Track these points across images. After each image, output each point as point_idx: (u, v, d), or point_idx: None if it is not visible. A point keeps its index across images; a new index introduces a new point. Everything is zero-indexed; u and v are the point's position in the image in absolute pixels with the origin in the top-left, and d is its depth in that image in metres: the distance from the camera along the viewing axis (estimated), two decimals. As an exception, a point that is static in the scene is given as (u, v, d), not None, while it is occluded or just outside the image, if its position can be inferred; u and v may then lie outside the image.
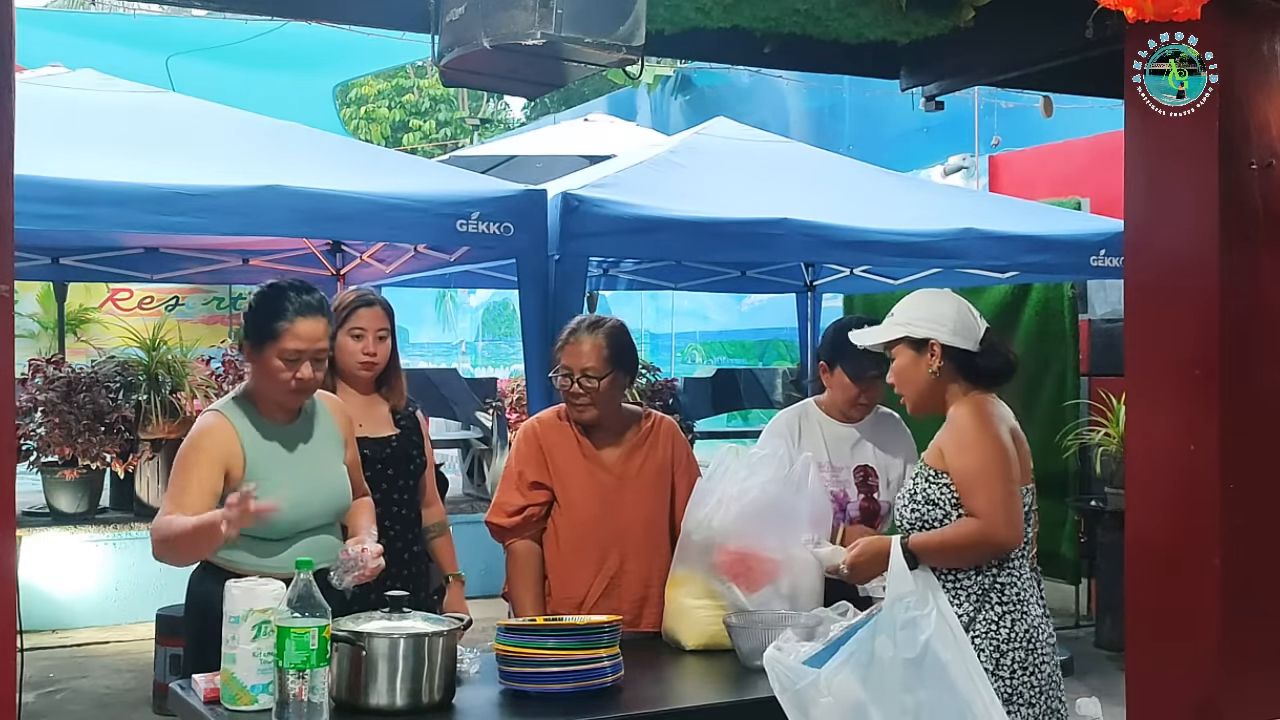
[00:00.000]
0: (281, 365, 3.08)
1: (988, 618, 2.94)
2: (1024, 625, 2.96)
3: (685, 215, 5.35)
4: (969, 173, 9.64)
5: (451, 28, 3.30)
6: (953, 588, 2.95)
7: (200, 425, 3.14)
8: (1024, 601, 2.98)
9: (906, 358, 3.13)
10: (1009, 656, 2.94)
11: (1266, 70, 3.38)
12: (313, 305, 3.14)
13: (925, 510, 3.00)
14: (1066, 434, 7.38)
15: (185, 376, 6.05)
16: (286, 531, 3.11)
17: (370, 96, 20.82)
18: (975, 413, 3.03)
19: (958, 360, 3.08)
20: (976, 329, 3.10)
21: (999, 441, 2.99)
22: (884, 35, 4.01)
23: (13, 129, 2.55)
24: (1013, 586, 2.97)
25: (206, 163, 4.87)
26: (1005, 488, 2.94)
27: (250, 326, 3.14)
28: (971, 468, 2.95)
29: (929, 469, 3.03)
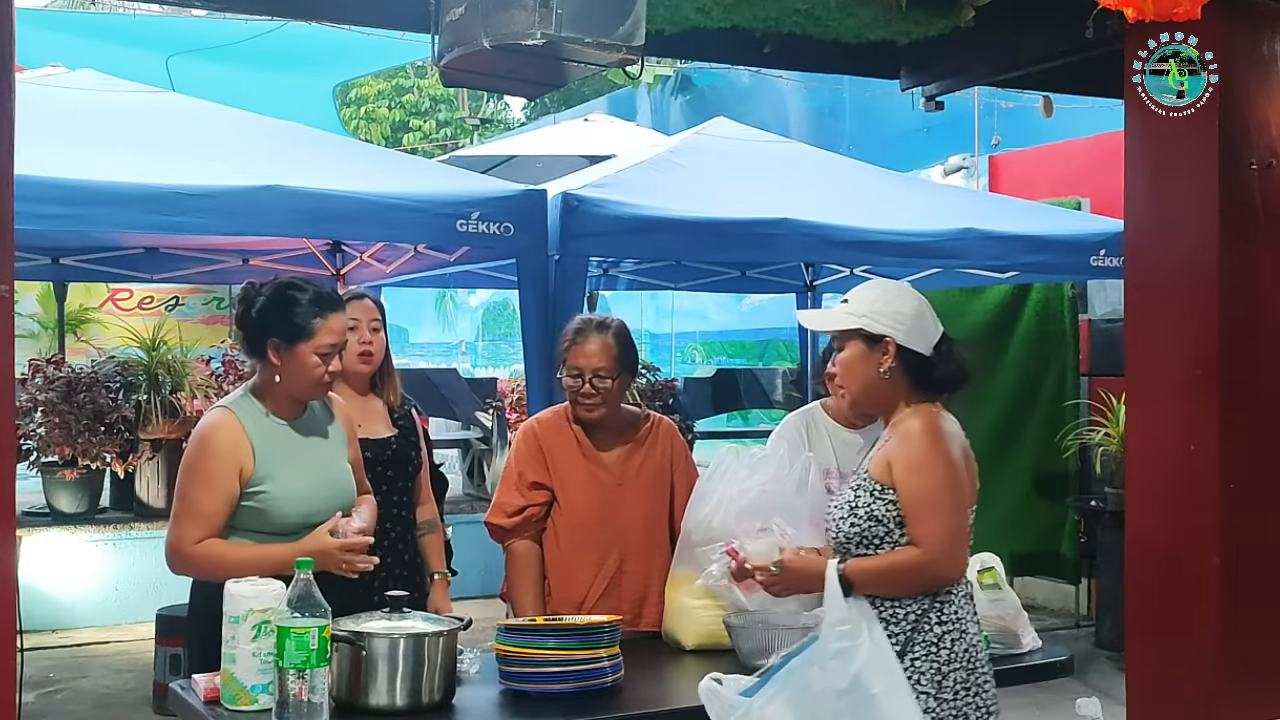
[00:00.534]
0: (317, 360, 3.14)
1: (927, 639, 2.80)
2: (964, 644, 2.83)
3: (685, 215, 5.36)
4: (969, 173, 9.64)
5: (451, 28, 3.30)
6: (890, 608, 2.80)
7: (208, 422, 3.17)
8: (962, 620, 2.85)
9: (857, 351, 2.91)
10: (950, 678, 2.80)
11: (1266, 70, 3.38)
12: (336, 299, 3.25)
13: (867, 527, 2.82)
14: (1066, 434, 7.38)
15: (185, 376, 6.05)
16: (295, 525, 3.13)
17: (370, 96, 20.82)
18: (929, 429, 2.82)
19: (910, 363, 2.87)
20: (934, 332, 2.91)
21: (952, 465, 2.81)
22: (884, 35, 4.00)
23: (13, 129, 2.55)
24: (950, 605, 2.84)
25: (206, 163, 4.87)
26: (954, 519, 2.78)
27: (275, 326, 3.14)
28: (920, 491, 2.77)
29: (874, 483, 2.84)
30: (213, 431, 3.13)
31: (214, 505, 3.08)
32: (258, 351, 3.18)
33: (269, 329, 3.14)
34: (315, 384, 3.18)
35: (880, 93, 9.59)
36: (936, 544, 2.75)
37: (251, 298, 3.20)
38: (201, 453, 3.11)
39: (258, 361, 3.21)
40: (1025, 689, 4.87)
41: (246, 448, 3.11)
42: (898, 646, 2.76)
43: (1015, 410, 7.98)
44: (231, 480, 3.09)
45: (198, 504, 3.08)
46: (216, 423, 3.14)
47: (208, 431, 3.13)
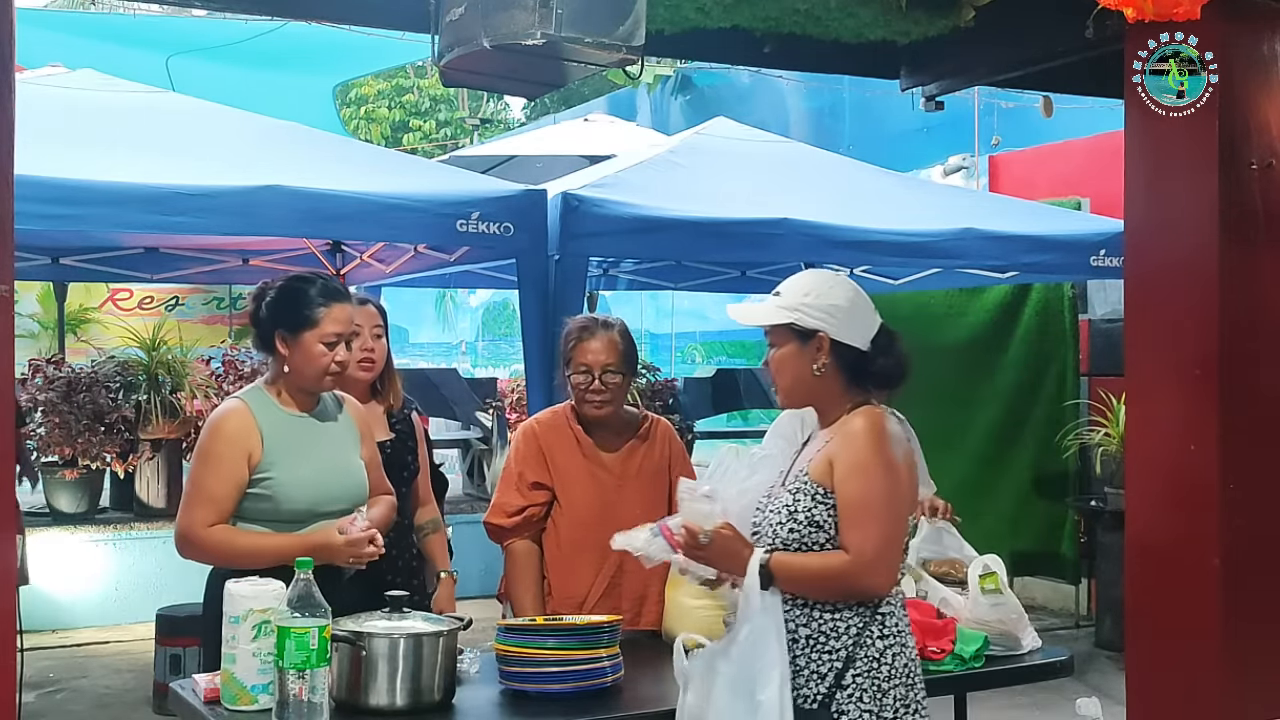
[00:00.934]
0: (323, 349, 3.19)
1: (869, 654, 2.66)
2: (904, 659, 2.70)
3: (685, 215, 5.36)
4: (969, 173, 9.64)
5: (451, 28, 3.30)
6: (831, 622, 2.67)
7: (220, 410, 3.25)
8: (902, 633, 2.73)
9: (790, 348, 2.77)
10: (891, 695, 2.66)
11: (1266, 70, 3.38)
12: (340, 291, 3.30)
13: (807, 532, 2.67)
14: (1066, 434, 7.38)
15: (185, 376, 6.06)
16: (303, 514, 3.16)
17: (370, 96, 20.82)
18: (873, 430, 2.66)
19: (846, 359, 2.73)
20: (871, 325, 2.76)
21: (894, 470, 2.65)
22: (884, 35, 4.00)
23: (13, 129, 2.55)
24: (892, 617, 2.71)
25: (206, 163, 4.87)
26: (887, 530, 2.63)
27: (282, 317, 3.21)
28: (857, 497, 2.63)
29: (816, 486, 2.69)
30: (223, 419, 3.19)
31: (223, 490, 3.13)
32: (268, 345, 3.24)
33: (276, 321, 3.21)
34: (322, 373, 3.22)
35: (880, 93, 9.59)
36: (868, 552, 2.61)
37: (262, 294, 3.28)
38: (212, 439, 3.18)
39: (269, 356, 3.27)
40: (1025, 689, 4.89)
41: (255, 435, 3.16)
42: (839, 662, 2.64)
43: (1015, 410, 7.99)
44: (240, 466, 3.13)
45: (208, 488, 3.14)
46: (228, 411, 3.22)
47: (219, 419, 3.21)
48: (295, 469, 3.17)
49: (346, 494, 3.26)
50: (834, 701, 2.63)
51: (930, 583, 3.52)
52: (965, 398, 8.17)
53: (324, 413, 3.33)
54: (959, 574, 3.53)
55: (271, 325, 3.22)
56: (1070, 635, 7.23)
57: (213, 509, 3.12)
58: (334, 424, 3.34)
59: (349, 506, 3.26)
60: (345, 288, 3.37)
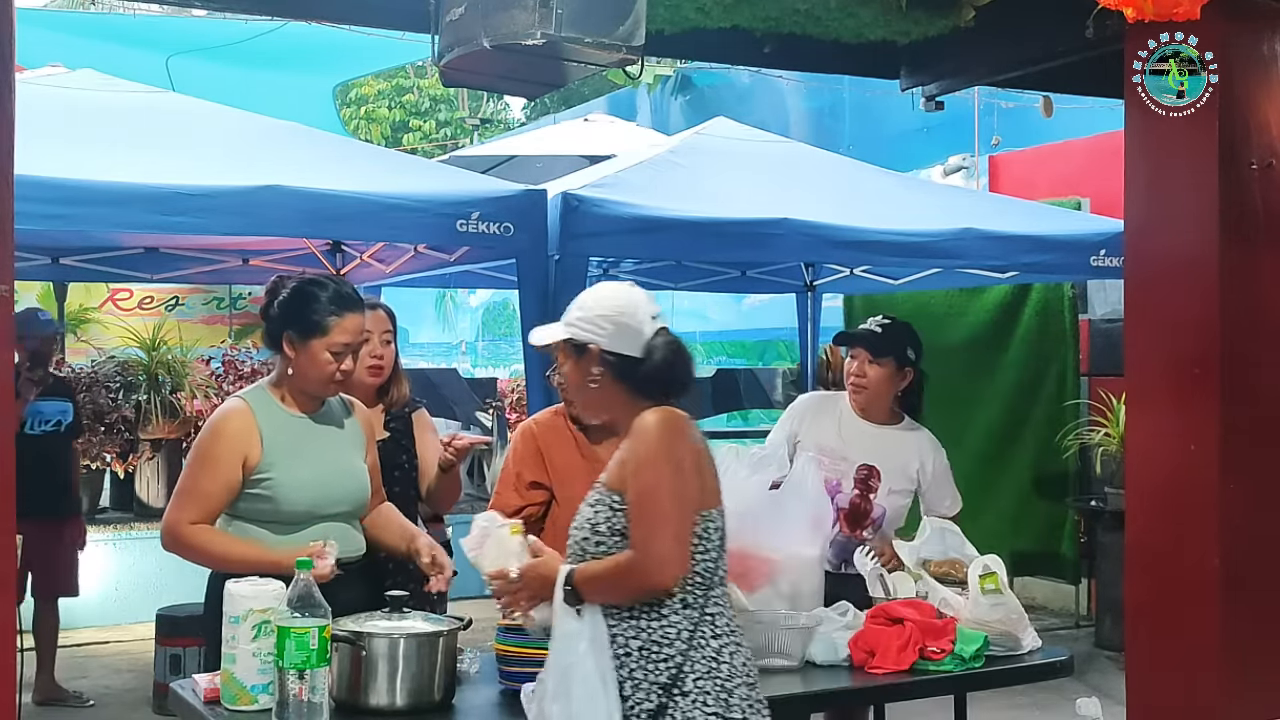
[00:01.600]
0: (330, 358, 3.17)
1: (705, 655, 2.60)
2: (742, 657, 2.66)
3: (685, 215, 5.35)
4: (969, 173, 9.64)
5: (451, 28, 3.30)
6: (660, 629, 2.59)
7: (222, 409, 3.24)
8: (735, 631, 2.68)
9: (569, 363, 2.75)
10: (736, 694, 2.60)
11: (1266, 70, 3.38)
12: (354, 299, 3.26)
13: (612, 542, 2.62)
14: (1066, 434, 7.38)
15: (185, 376, 6.08)
16: (303, 516, 3.16)
17: (370, 96, 20.82)
18: (659, 425, 2.60)
19: (620, 368, 2.68)
20: (644, 331, 2.68)
21: (677, 464, 2.58)
22: (884, 35, 4.00)
23: (13, 129, 2.55)
24: (723, 616, 2.66)
25: (206, 163, 4.87)
26: (671, 524, 2.55)
27: (292, 320, 3.19)
28: (642, 490, 2.57)
29: (611, 494, 2.64)
30: (224, 418, 3.19)
31: (213, 489, 3.13)
32: (275, 344, 3.23)
33: (286, 322, 3.20)
34: (326, 381, 3.21)
35: (880, 93, 9.59)
36: (651, 547, 2.54)
37: (276, 290, 3.26)
38: (209, 437, 3.18)
39: (276, 354, 3.25)
40: (1025, 689, 4.89)
41: (255, 437, 3.15)
42: (673, 668, 2.57)
43: (1015, 410, 7.98)
44: (234, 467, 3.13)
45: (198, 485, 3.14)
46: (229, 410, 3.21)
47: (219, 418, 3.20)
48: (295, 470, 3.17)
49: (348, 496, 3.26)
50: (674, 709, 2.55)
51: (930, 583, 3.52)
52: (965, 398, 8.17)
53: (329, 415, 3.31)
54: (959, 574, 3.53)
55: (281, 325, 3.21)
56: (1070, 635, 7.22)
57: (199, 507, 3.13)
58: (338, 427, 3.32)
59: (350, 509, 3.27)
60: (359, 295, 3.33)
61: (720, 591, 2.69)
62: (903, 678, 3.23)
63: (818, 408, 4.20)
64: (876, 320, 4.17)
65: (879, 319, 4.17)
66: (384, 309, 3.91)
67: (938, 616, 3.36)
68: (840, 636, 3.33)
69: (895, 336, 4.10)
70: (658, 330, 2.70)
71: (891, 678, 3.23)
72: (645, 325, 2.69)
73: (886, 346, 4.08)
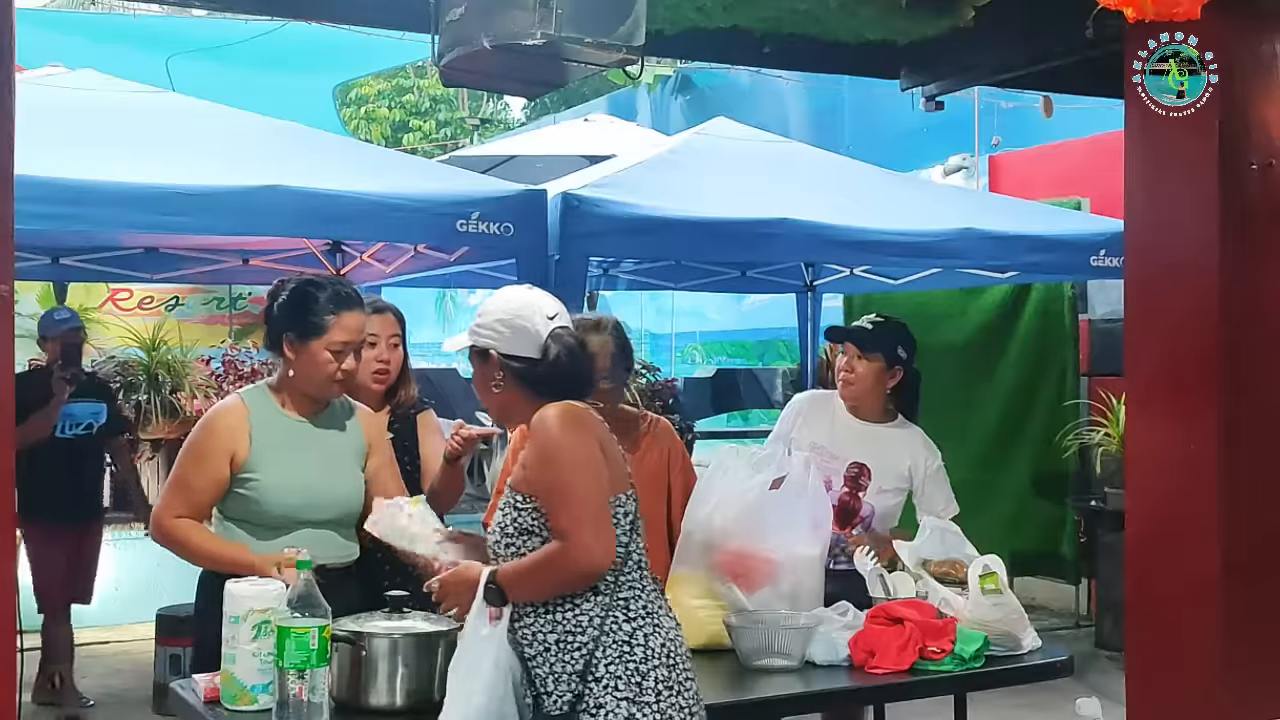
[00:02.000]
0: (329, 358, 3.17)
1: (616, 639, 2.62)
2: (659, 639, 2.66)
3: (685, 215, 5.36)
4: (969, 173, 9.64)
5: (451, 28, 3.30)
6: (573, 618, 2.62)
7: (216, 406, 3.28)
8: (654, 614, 2.69)
9: (477, 370, 2.79)
10: (651, 678, 2.61)
11: (1266, 70, 3.38)
12: (353, 298, 3.25)
13: (520, 542, 2.66)
14: (1066, 434, 7.38)
15: (185, 376, 6.08)
16: (283, 521, 3.16)
17: (370, 96, 20.81)
18: (555, 417, 2.63)
19: (519, 371, 2.71)
20: (538, 332, 2.71)
21: (583, 448, 2.62)
22: (884, 35, 4.00)
23: (13, 129, 2.55)
24: (639, 600, 2.67)
25: (206, 163, 4.86)
26: (590, 505, 2.58)
27: (291, 321, 3.19)
28: (554, 481, 2.60)
29: (517, 495, 2.68)
30: (216, 415, 3.21)
31: (199, 483, 3.15)
32: (275, 346, 3.23)
33: (286, 324, 3.19)
34: (326, 381, 3.20)
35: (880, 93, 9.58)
36: (578, 534, 2.56)
37: (276, 294, 3.26)
38: (200, 432, 3.20)
39: (277, 356, 3.25)
40: (1025, 689, 4.88)
41: (244, 435, 3.15)
42: (585, 656, 2.59)
43: (1015, 410, 7.98)
44: (221, 463, 3.14)
45: (184, 479, 3.17)
46: (222, 407, 3.24)
47: (212, 414, 3.23)
48: (282, 474, 3.16)
49: (334, 504, 3.24)
50: (588, 696, 2.58)
51: (930, 583, 3.52)
52: (965, 398, 8.17)
53: (329, 419, 3.30)
54: (959, 574, 3.53)
55: (280, 327, 3.21)
56: (1070, 635, 7.22)
57: (184, 501, 3.16)
58: (337, 432, 3.30)
59: (336, 516, 3.24)
60: (357, 294, 3.32)
61: (637, 575, 2.70)
62: (903, 678, 3.23)
63: (812, 406, 4.22)
64: (869, 318, 4.20)
65: (872, 316, 4.21)
66: (393, 312, 3.87)
67: (938, 616, 3.36)
68: (840, 636, 3.33)
69: (886, 334, 4.12)
70: (554, 330, 2.72)
71: (891, 678, 3.23)
72: (541, 326, 2.71)
73: (876, 343, 4.09)
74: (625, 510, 2.70)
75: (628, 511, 2.71)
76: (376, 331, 3.70)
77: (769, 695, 3.14)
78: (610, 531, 2.62)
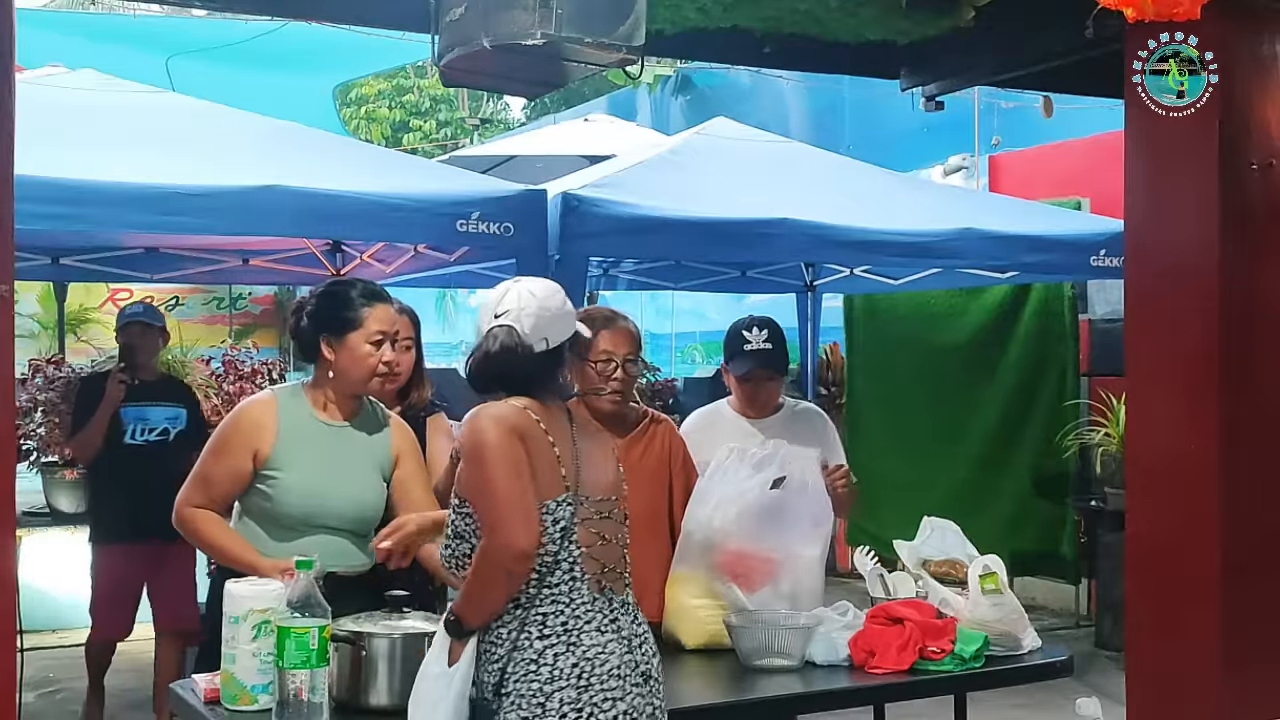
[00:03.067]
0: (370, 349, 3.21)
1: (525, 658, 2.54)
2: (571, 659, 2.55)
3: (685, 215, 5.35)
4: (969, 173, 9.64)
5: (451, 28, 3.30)
6: (493, 628, 2.59)
7: (248, 399, 3.31)
8: (574, 631, 2.58)
9: None
10: (555, 699, 2.52)
11: (1266, 70, 3.38)
12: (382, 293, 3.32)
13: (455, 545, 2.66)
14: (1066, 434, 7.38)
15: (185, 376, 6.06)
16: (298, 523, 3.17)
17: (370, 96, 20.81)
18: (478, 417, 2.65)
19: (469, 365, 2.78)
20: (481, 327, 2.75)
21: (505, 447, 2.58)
22: (884, 35, 4.00)
23: (13, 129, 2.55)
24: (558, 615, 2.58)
25: (206, 163, 4.86)
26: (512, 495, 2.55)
27: (326, 322, 3.22)
28: (476, 478, 2.59)
29: (455, 498, 2.69)
30: (246, 409, 3.25)
31: (218, 475, 3.17)
32: (312, 353, 3.25)
33: (321, 326, 3.22)
34: (370, 373, 3.23)
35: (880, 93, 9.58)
36: (501, 520, 2.54)
37: (302, 306, 3.29)
38: (227, 423, 3.23)
39: (313, 365, 3.28)
40: (1025, 689, 4.88)
41: (270, 432, 3.17)
42: (499, 670, 2.56)
43: (1015, 410, 7.98)
44: (243, 457, 3.16)
45: (206, 471, 3.20)
46: (253, 400, 3.28)
47: (242, 407, 3.27)
48: (302, 475, 3.16)
49: (351, 511, 3.24)
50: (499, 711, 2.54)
51: (930, 583, 3.52)
52: (965, 398, 8.17)
53: (359, 425, 3.30)
54: (959, 574, 3.53)
55: (315, 331, 3.22)
56: (1070, 635, 7.22)
57: (203, 491, 3.18)
58: (364, 439, 3.30)
59: (352, 527, 3.24)
60: (384, 289, 3.38)
61: (565, 588, 2.62)
62: (902, 678, 3.23)
63: (702, 426, 4.04)
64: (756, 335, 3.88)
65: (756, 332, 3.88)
66: (409, 314, 3.88)
67: (938, 616, 3.36)
68: (840, 636, 3.33)
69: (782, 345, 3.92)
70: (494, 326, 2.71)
71: (891, 678, 3.23)
72: (486, 322, 2.73)
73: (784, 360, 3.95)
74: (556, 517, 2.62)
75: (558, 519, 2.62)
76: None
77: (769, 695, 3.14)
78: (528, 514, 2.56)
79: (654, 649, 2.76)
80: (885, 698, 3.56)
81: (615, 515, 2.78)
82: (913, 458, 8.28)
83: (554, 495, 2.63)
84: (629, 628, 2.69)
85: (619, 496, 2.81)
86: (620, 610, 2.70)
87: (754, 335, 3.87)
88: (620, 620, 2.68)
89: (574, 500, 2.66)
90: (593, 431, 2.90)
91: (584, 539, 2.66)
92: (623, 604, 2.72)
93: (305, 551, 3.02)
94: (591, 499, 2.71)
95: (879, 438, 8.61)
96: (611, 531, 2.75)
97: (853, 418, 8.86)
